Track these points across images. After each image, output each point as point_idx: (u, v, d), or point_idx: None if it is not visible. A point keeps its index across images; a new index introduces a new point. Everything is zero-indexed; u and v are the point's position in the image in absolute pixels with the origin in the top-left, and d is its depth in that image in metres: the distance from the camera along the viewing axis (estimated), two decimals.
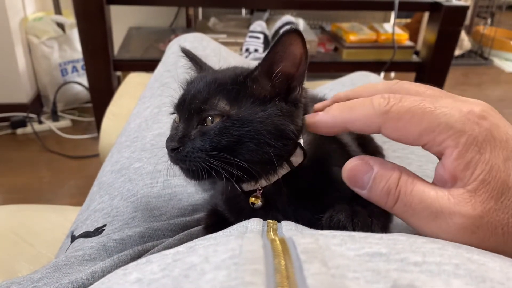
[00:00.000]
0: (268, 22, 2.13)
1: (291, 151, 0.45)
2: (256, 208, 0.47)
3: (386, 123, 0.37)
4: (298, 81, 0.44)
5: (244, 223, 0.41)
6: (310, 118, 0.43)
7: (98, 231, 0.58)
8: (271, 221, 0.41)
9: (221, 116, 0.42)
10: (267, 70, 0.43)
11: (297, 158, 0.46)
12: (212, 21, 2.41)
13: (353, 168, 0.39)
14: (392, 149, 0.77)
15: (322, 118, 0.42)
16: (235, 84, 0.43)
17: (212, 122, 0.43)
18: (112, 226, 0.58)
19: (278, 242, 0.31)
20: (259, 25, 1.95)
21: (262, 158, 0.42)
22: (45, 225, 0.87)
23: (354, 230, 0.39)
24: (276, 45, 0.41)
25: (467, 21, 3.45)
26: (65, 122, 2.47)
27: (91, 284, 0.48)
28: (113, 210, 0.60)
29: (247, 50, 1.84)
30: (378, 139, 0.76)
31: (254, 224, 0.40)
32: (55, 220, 0.88)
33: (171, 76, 0.83)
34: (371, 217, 0.42)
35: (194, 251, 0.31)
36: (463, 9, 2.13)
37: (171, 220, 0.57)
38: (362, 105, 0.39)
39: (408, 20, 3.36)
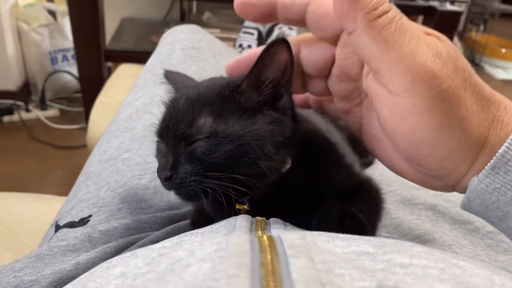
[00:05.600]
0: None
1: (284, 159, 0.44)
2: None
3: (360, 32, 0.35)
4: (285, 88, 0.43)
5: (232, 219, 0.40)
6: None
7: (83, 221, 0.57)
8: (260, 218, 0.41)
9: (209, 136, 0.41)
10: (254, 81, 0.42)
11: (285, 165, 0.45)
12: (207, 15, 2.40)
13: None
14: None
15: None
16: (220, 99, 0.42)
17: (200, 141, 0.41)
18: (98, 217, 0.57)
19: (265, 238, 0.30)
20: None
21: (258, 170, 0.41)
22: (29, 214, 0.85)
23: (343, 231, 0.38)
24: (263, 55, 0.40)
25: (460, 27, 3.47)
26: (53, 111, 2.44)
27: (74, 275, 0.47)
28: (100, 200, 0.59)
29: (240, 45, 1.83)
30: None
31: (242, 221, 0.39)
32: (39, 210, 0.86)
33: (164, 67, 0.81)
34: (361, 216, 0.42)
35: (180, 246, 0.30)
36: (457, 15, 2.15)
37: (158, 213, 0.56)
38: None
39: None
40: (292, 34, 1.82)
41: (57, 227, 0.59)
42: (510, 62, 3.50)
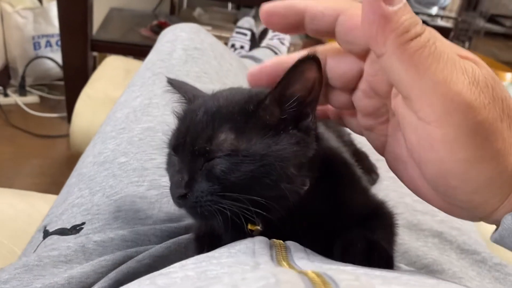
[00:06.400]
0: (255, 18, 2.09)
1: (304, 181, 0.41)
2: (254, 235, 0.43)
3: (392, 54, 0.32)
4: (311, 107, 0.40)
5: (249, 243, 0.37)
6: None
7: (75, 229, 0.53)
8: (278, 242, 0.38)
9: (230, 153, 0.38)
10: (279, 97, 0.39)
11: (305, 186, 0.42)
12: (198, 11, 2.36)
13: None
14: (385, 169, 0.76)
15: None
16: (243, 114, 0.39)
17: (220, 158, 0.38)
18: (92, 225, 0.53)
19: (314, 275, 0.27)
20: (247, 22, 1.91)
21: (278, 193, 0.38)
22: (7, 211, 0.81)
23: (370, 264, 0.36)
24: (290, 72, 0.37)
25: None
26: (32, 98, 2.35)
27: None
28: (94, 207, 0.55)
29: (233, 46, 1.80)
30: (372, 156, 0.74)
31: (261, 245, 0.36)
32: (20, 208, 0.82)
33: (164, 66, 0.78)
34: (387, 247, 0.40)
35: (218, 279, 0.27)
36: (446, 31, 2.18)
37: (157, 224, 0.53)
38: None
39: None
40: (287, 38, 1.80)
41: (46, 233, 0.55)
42: None
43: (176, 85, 0.47)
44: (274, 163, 0.38)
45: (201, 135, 0.39)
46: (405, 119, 0.35)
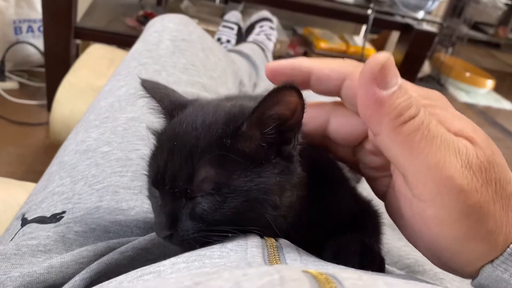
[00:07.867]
0: (242, 13, 2.08)
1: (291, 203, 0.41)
2: None
3: (388, 133, 0.32)
4: (292, 132, 0.38)
5: (241, 240, 0.37)
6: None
7: (55, 217, 0.52)
8: (269, 239, 0.38)
9: (211, 192, 0.37)
10: (257, 123, 0.37)
11: (292, 208, 0.41)
12: (185, 3, 2.34)
13: (388, 61, 0.32)
14: None
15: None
16: (221, 147, 0.37)
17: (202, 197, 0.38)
18: (73, 214, 0.52)
19: (317, 273, 0.27)
20: (234, 16, 1.90)
21: (264, 222, 0.38)
22: None
23: (363, 267, 0.36)
24: (268, 96, 0.35)
25: None
26: (11, 84, 2.29)
27: (45, 279, 0.42)
28: (75, 196, 0.54)
29: (219, 39, 1.79)
30: None
31: (253, 245, 0.36)
32: None
33: (151, 56, 0.77)
34: (379, 251, 0.41)
35: (215, 274, 0.26)
36: (431, 35, 2.20)
37: (140, 216, 0.52)
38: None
39: (375, 36, 3.41)
40: (274, 34, 1.80)
41: (24, 221, 0.53)
42: (473, 86, 3.62)
43: (150, 89, 0.45)
44: (258, 196, 0.37)
45: (181, 174, 0.37)
46: (401, 192, 0.36)
